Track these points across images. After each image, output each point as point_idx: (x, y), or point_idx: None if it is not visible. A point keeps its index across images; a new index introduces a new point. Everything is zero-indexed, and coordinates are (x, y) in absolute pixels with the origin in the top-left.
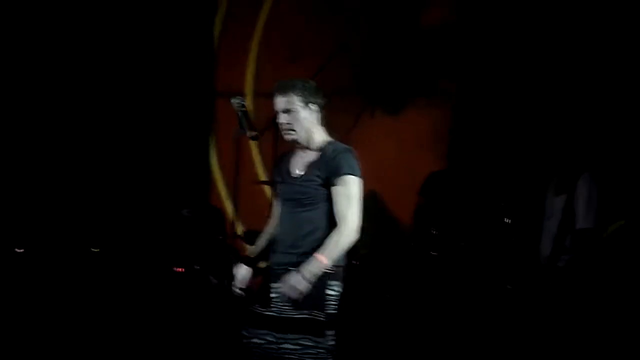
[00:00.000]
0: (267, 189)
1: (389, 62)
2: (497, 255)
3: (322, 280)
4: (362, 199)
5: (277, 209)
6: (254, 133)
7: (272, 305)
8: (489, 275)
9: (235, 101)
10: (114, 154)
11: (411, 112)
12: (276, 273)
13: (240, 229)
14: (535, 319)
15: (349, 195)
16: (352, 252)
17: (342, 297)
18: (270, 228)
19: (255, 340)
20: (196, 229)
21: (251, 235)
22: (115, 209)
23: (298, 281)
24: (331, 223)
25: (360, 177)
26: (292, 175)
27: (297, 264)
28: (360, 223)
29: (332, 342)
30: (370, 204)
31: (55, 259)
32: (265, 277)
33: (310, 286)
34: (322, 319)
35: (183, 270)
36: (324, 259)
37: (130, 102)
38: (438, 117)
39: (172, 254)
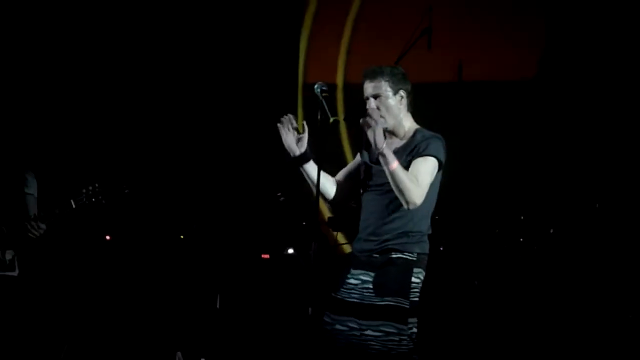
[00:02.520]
0: None
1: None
2: (587, 243)
3: (407, 268)
4: (435, 188)
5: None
6: (336, 118)
7: (354, 291)
8: (578, 264)
9: (317, 87)
10: (206, 144)
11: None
12: (358, 260)
13: (326, 215)
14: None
15: (426, 170)
16: (438, 238)
17: (425, 284)
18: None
19: (337, 326)
20: (288, 215)
21: (336, 221)
22: (206, 197)
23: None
24: (414, 212)
25: (442, 163)
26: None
27: (378, 251)
28: (420, 202)
29: (415, 330)
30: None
31: (144, 247)
32: (346, 263)
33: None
34: (406, 306)
35: (269, 257)
36: (395, 163)
37: (221, 94)
38: None
39: (261, 240)
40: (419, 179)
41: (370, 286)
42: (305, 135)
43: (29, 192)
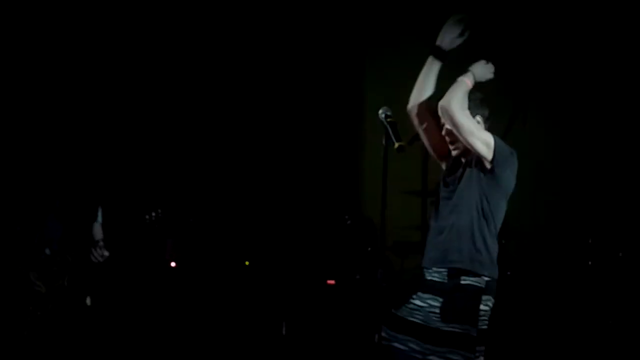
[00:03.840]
0: (415, 202)
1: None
2: None
3: (475, 295)
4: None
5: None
6: (401, 143)
7: (418, 313)
8: None
9: (381, 112)
10: (268, 168)
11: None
12: (426, 282)
13: (390, 240)
14: None
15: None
16: (506, 263)
17: (495, 310)
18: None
19: (396, 344)
20: (353, 239)
21: (400, 247)
22: (269, 222)
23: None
24: (483, 232)
25: (508, 159)
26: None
27: (447, 274)
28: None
29: (482, 358)
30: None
31: (209, 273)
32: (414, 283)
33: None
34: (473, 334)
35: (334, 282)
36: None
37: (288, 117)
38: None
39: (326, 264)
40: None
41: (438, 311)
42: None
43: (97, 221)
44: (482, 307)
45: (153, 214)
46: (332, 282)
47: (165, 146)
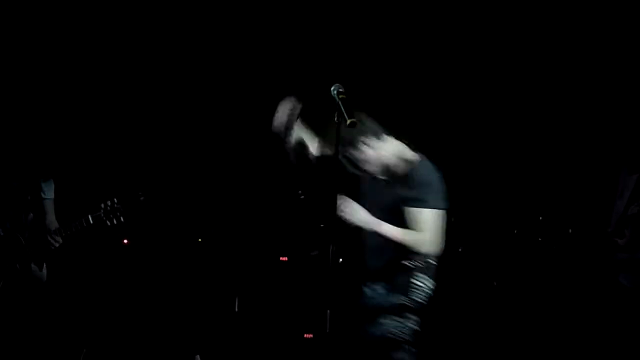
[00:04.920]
0: None
1: None
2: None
3: (410, 272)
4: None
5: None
6: (353, 120)
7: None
8: (596, 263)
9: (333, 89)
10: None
11: None
12: (371, 273)
13: None
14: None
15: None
16: (456, 239)
17: (444, 285)
18: None
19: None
20: (307, 215)
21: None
22: (223, 198)
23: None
24: None
25: None
26: None
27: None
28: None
29: (416, 327)
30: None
31: (161, 250)
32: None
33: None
34: (407, 303)
35: (287, 259)
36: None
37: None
38: None
39: (280, 241)
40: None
41: (384, 291)
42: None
43: (46, 197)
44: (414, 281)
45: (109, 203)
46: (284, 258)
47: (116, 122)
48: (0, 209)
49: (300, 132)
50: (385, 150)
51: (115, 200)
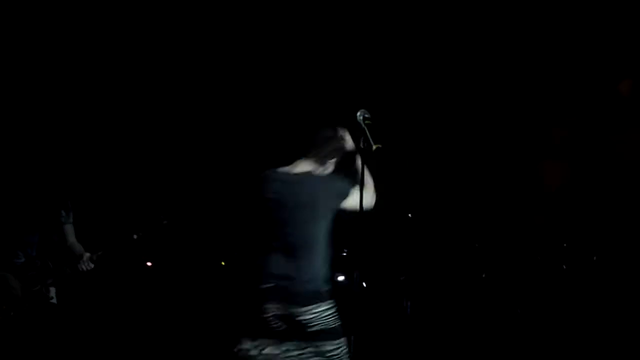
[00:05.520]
0: None
1: None
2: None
3: None
4: None
5: None
6: (378, 145)
7: None
8: (623, 292)
9: (359, 114)
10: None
11: None
12: None
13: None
14: None
15: None
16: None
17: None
18: None
19: None
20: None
21: None
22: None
23: None
24: None
25: None
26: None
27: None
28: None
29: None
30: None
31: (184, 273)
32: None
33: None
34: None
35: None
36: None
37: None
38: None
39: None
40: None
41: None
42: None
43: (66, 222)
44: None
45: (140, 234)
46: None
47: (136, 147)
48: (24, 234)
49: None
50: None
51: (141, 233)
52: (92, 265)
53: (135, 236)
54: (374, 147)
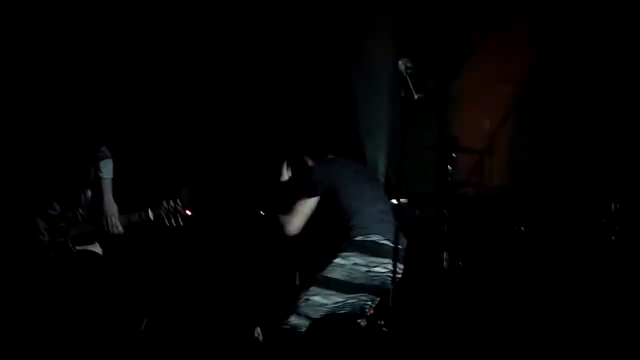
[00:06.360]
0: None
1: None
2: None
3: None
4: None
5: None
6: (420, 95)
7: None
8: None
9: (401, 63)
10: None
11: None
12: None
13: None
14: None
15: None
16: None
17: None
18: None
19: None
20: None
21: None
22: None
23: None
24: None
25: None
26: None
27: None
28: None
29: (303, 303)
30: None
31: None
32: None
33: None
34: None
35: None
36: None
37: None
38: None
39: None
40: None
41: None
42: None
43: (105, 177)
44: (337, 259)
45: (171, 203)
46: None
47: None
48: (58, 187)
49: None
50: None
51: (177, 201)
52: (120, 229)
53: (201, 168)
54: (416, 96)
